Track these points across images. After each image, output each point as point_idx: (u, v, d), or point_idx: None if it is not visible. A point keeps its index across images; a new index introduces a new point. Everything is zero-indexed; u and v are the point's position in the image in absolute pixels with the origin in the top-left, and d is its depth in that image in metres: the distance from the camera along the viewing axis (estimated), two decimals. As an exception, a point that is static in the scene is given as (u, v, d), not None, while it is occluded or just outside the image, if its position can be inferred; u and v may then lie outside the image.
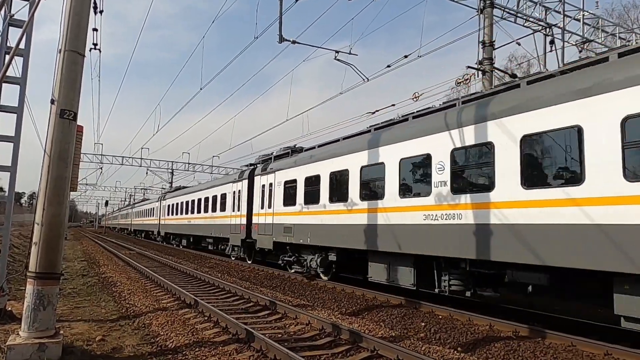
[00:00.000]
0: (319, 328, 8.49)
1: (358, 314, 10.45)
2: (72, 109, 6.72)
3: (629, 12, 33.34)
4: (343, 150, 13.91)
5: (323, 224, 14.45)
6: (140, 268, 18.26)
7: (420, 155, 10.78)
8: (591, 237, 7.23)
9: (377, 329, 8.88)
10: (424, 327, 9.02)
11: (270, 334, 7.90)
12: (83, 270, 18.33)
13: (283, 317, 9.69)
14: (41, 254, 6.42)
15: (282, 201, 17.27)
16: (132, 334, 8.20)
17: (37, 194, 6.93)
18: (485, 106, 9.48)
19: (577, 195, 7.46)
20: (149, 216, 48.97)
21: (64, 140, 6.65)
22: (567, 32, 18.99)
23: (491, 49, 15.90)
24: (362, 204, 12.66)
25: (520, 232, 8.26)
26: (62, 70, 6.71)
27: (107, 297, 11.91)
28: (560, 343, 7.76)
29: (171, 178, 53.81)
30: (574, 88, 7.81)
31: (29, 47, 8.59)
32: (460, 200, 9.57)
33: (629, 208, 6.82)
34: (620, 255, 6.85)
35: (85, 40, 7.00)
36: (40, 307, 6.32)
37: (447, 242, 9.75)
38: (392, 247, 11.27)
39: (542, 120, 8.12)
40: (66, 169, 6.69)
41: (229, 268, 20.23)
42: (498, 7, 16.95)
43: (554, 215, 7.76)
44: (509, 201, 8.58)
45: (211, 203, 26.75)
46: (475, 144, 9.44)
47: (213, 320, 9.03)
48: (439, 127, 10.32)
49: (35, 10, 7.14)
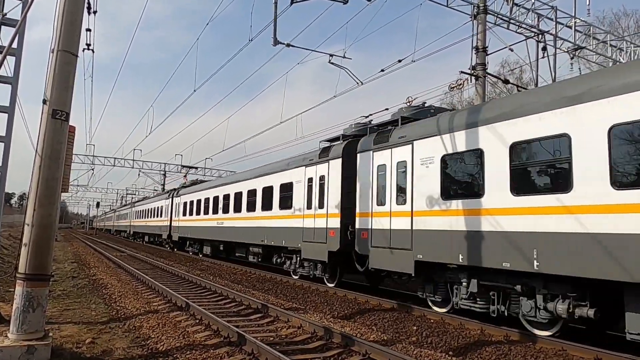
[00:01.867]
0: (311, 331, 8.47)
1: (350, 317, 10.45)
2: (65, 109, 6.68)
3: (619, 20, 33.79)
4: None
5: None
6: (132, 270, 18.14)
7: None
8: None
9: (369, 333, 8.88)
10: (416, 331, 9.03)
11: (262, 337, 7.87)
12: (73, 271, 18.17)
13: (275, 320, 9.66)
14: (31, 255, 6.36)
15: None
16: (122, 336, 8.13)
17: (28, 194, 6.87)
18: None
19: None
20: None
21: (55, 140, 6.60)
22: (559, 39, 19.20)
23: (484, 54, 16.02)
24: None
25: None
26: (54, 70, 6.67)
27: (97, 299, 11.81)
28: (550, 347, 7.80)
29: (163, 180, 53.57)
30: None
31: (22, 47, 8.53)
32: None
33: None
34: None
35: (79, 40, 6.97)
36: (30, 309, 6.25)
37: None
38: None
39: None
40: (57, 169, 6.64)
41: (221, 271, 20.14)
42: (491, 13, 17.11)
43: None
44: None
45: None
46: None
47: (204, 323, 8.99)
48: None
49: (28, 10, 7.10)
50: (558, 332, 8.25)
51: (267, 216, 18.23)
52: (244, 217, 20.58)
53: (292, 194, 16.40)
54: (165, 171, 52.56)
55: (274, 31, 14.46)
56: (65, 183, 7.15)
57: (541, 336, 8.21)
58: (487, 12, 16.52)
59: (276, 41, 14.56)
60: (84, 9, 7.13)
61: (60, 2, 6.82)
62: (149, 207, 44.47)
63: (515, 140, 8.62)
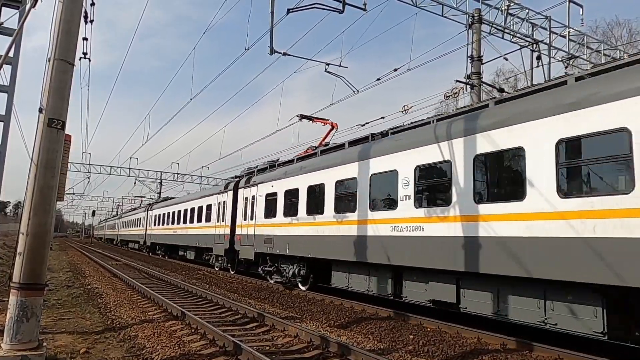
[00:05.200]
0: (307, 340, 8.43)
1: (346, 326, 10.41)
2: (61, 118, 6.68)
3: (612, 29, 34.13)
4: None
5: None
6: (127, 279, 18.04)
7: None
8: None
9: (366, 342, 8.84)
10: (413, 340, 9.00)
11: (258, 347, 7.83)
12: (68, 281, 18.05)
13: (271, 329, 9.61)
14: (25, 264, 6.32)
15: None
16: (117, 346, 8.07)
17: (23, 203, 6.85)
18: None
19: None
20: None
21: (51, 149, 6.60)
22: (553, 48, 19.39)
23: (479, 63, 16.17)
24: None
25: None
26: (51, 78, 6.68)
27: (92, 309, 11.72)
28: (547, 355, 7.79)
29: (159, 188, 53.46)
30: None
31: (18, 56, 8.56)
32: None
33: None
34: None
35: (75, 49, 6.99)
36: (24, 319, 6.20)
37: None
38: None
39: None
40: (53, 178, 6.62)
41: (217, 279, 20.05)
42: (486, 22, 17.29)
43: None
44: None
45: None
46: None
47: (200, 332, 8.93)
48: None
49: (24, 20, 7.13)
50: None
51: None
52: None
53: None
54: (162, 179, 52.49)
55: (270, 40, 14.51)
56: (61, 192, 7.14)
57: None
58: (482, 21, 16.71)
59: (272, 50, 14.60)
60: (81, 18, 7.16)
61: (57, 11, 6.85)
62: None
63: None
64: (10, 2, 9.21)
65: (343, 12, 14.06)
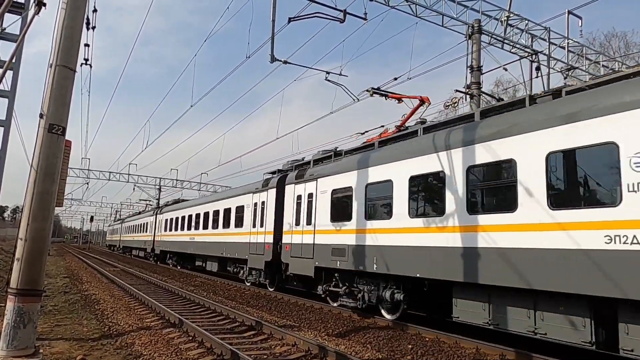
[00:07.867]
0: (305, 349, 8.38)
1: (345, 335, 10.36)
2: (61, 124, 6.69)
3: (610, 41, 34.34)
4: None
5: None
6: (125, 286, 17.95)
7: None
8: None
9: (364, 351, 8.79)
10: (411, 350, 8.95)
11: (256, 355, 7.79)
12: (65, 287, 17.95)
13: (269, 337, 9.56)
14: (23, 270, 6.30)
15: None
16: (114, 353, 8.01)
17: (22, 208, 6.83)
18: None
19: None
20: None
21: (51, 155, 6.60)
22: (552, 59, 19.50)
23: (479, 73, 16.23)
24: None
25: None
26: (52, 84, 6.70)
27: (89, 315, 11.66)
28: (546, 367, 7.73)
29: (159, 194, 53.35)
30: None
31: (19, 62, 8.59)
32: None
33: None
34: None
35: (77, 55, 7.01)
36: (21, 325, 6.17)
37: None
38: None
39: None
40: (52, 184, 6.62)
41: (215, 287, 19.97)
42: (486, 33, 17.39)
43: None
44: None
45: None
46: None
47: (198, 340, 8.88)
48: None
49: (28, 29, 7.15)
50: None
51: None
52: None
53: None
54: (161, 186, 52.39)
55: (271, 48, 14.56)
56: (60, 197, 7.12)
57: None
58: (482, 32, 16.80)
59: (273, 58, 14.65)
60: (83, 25, 7.19)
61: (60, 17, 6.89)
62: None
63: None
64: (13, 9, 9.25)
65: (344, 21, 14.14)
